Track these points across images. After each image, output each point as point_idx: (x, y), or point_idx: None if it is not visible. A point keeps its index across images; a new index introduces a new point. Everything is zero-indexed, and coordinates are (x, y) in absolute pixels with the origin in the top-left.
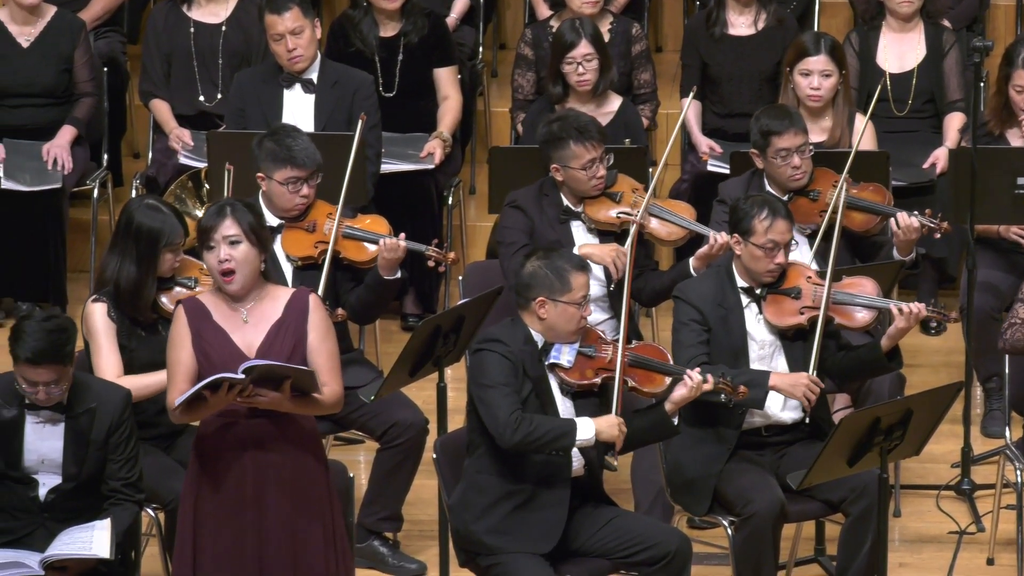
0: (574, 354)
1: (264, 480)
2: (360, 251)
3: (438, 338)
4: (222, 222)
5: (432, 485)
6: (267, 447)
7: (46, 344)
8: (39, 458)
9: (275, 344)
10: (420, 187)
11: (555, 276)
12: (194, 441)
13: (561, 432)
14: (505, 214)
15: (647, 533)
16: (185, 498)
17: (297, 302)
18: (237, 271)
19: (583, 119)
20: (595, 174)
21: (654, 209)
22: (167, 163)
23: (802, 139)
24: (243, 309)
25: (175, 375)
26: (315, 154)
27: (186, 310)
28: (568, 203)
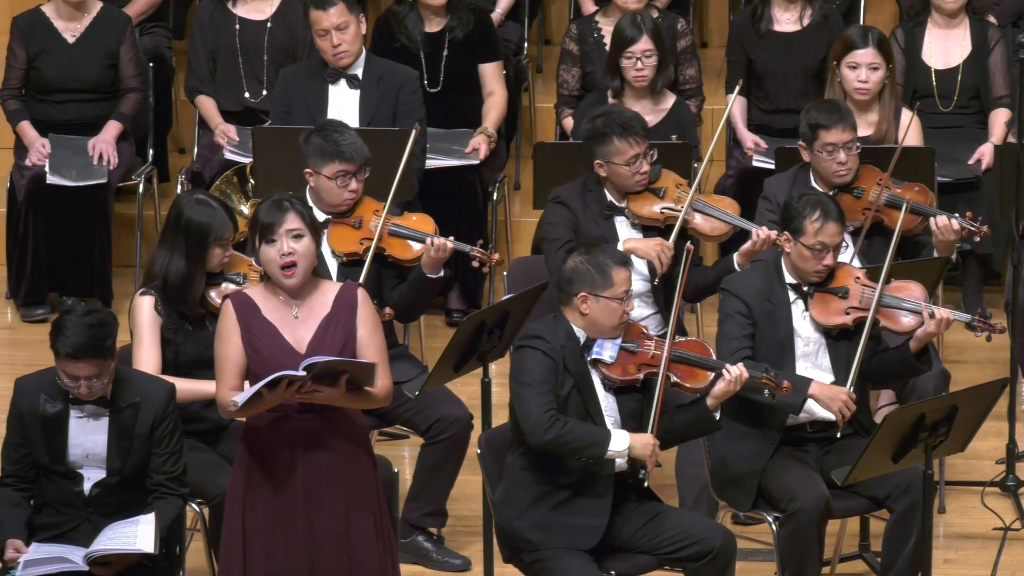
0: (616, 350)
1: (315, 474)
2: (405, 249)
3: (483, 334)
4: (285, 216)
5: (476, 481)
6: (318, 441)
7: (86, 339)
8: (83, 453)
9: (326, 339)
10: (465, 183)
11: (597, 271)
12: (242, 436)
13: (593, 441)
14: (549, 210)
15: (691, 529)
16: (233, 493)
17: (346, 296)
18: (299, 264)
19: (627, 115)
20: (638, 170)
21: (698, 204)
22: (212, 158)
23: (850, 135)
24: (293, 304)
25: (224, 370)
26: (363, 148)
27: (234, 304)
28: (612, 199)
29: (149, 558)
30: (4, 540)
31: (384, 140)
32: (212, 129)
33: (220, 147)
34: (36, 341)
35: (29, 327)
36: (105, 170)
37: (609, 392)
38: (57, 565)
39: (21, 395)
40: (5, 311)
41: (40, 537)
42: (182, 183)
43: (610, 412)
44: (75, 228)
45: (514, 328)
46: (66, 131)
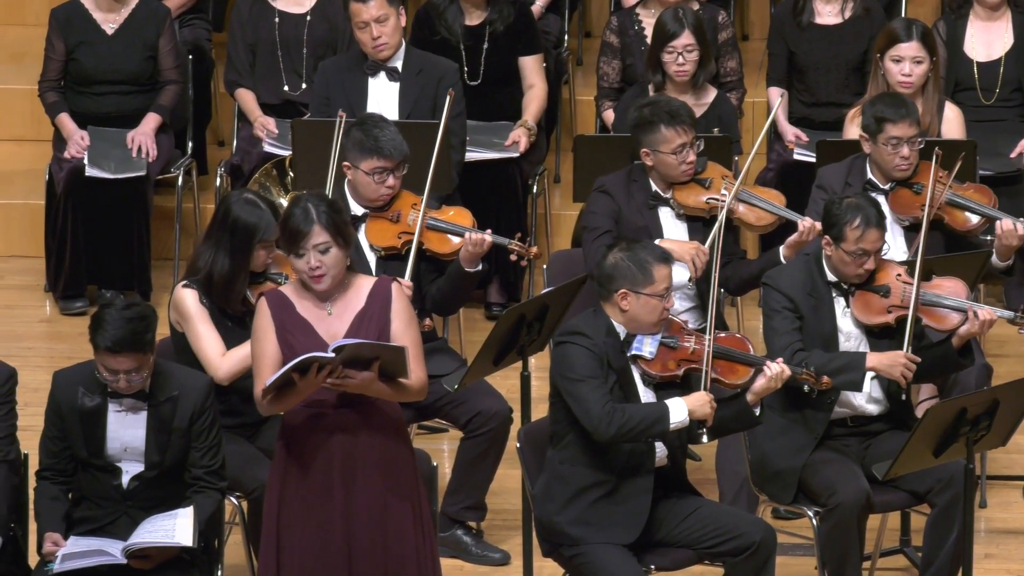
0: (656, 345)
1: (352, 466)
2: (443, 243)
3: (522, 327)
4: (311, 230)
5: (516, 475)
6: (356, 434)
7: (126, 332)
8: (122, 446)
9: (359, 334)
10: (504, 176)
11: (637, 268)
12: (280, 431)
13: (655, 418)
14: (593, 199)
15: (731, 523)
16: (271, 488)
17: (380, 291)
18: (327, 274)
19: (674, 103)
20: (685, 159)
21: (743, 195)
22: (251, 151)
23: (915, 130)
24: (327, 302)
25: (261, 367)
26: (402, 145)
27: (269, 302)
28: (657, 188)
29: (187, 551)
30: (42, 533)
31: (423, 133)
32: (251, 122)
33: (259, 140)
34: (75, 334)
35: (68, 320)
36: (144, 163)
37: (649, 388)
38: (95, 558)
39: (59, 388)
40: (44, 304)
41: (78, 531)
42: (221, 176)
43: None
44: (114, 221)
45: (554, 321)
46: (105, 123)
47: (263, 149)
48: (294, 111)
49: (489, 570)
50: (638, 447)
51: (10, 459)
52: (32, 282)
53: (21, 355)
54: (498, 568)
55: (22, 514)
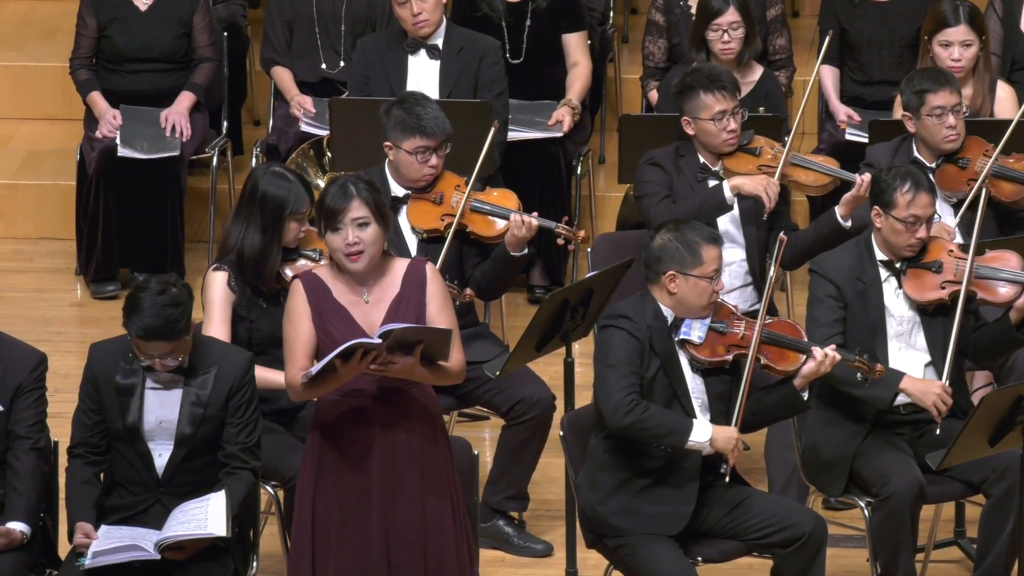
0: (705, 330)
1: (391, 459)
2: (488, 226)
3: (566, 312)
4: (350, 203)
5: (559, 463)
6: (393, 425)
7: (159, 321)
8: (157, 420)
9: (396, 320)
10: (548, 156)
11: (686, 249)
12: (313, 421)
13: (673, 429)
14: (643, 170)
15: (781, 514)
16: (304, 481)
17: (414, 273)
18: (365, 252)
19: (716, 70)
20: (726, 127)
21: (796, 159)
22: (288, 131)
23: (957, 98)
24: (363, 288)
25: (294, 351)
26: (445, 123)
27: (304, 285)
28: (705, 161)
29: (221, 539)
30: (73, 523)
31: (465, 112)
32: (288, 101)
33: (296, 119)
34: (107, 318)
35: (99, 304)
36: (178, 142)
37: (696, 373)
38: (127, 554)
39: (96, 361)
40: (75, 287)
41: (111, 520)
42: (257, 156)
43: (697, 394)
44: (147, 202)
45: (598, 306)
46: (138, 102)
47: (300, 129)
48: (332, 90)
49: (531, 561)
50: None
51: (40, 447)
52: (63, 265)
53: (51, 340)
54: (541, 559)
55: (52, 503)
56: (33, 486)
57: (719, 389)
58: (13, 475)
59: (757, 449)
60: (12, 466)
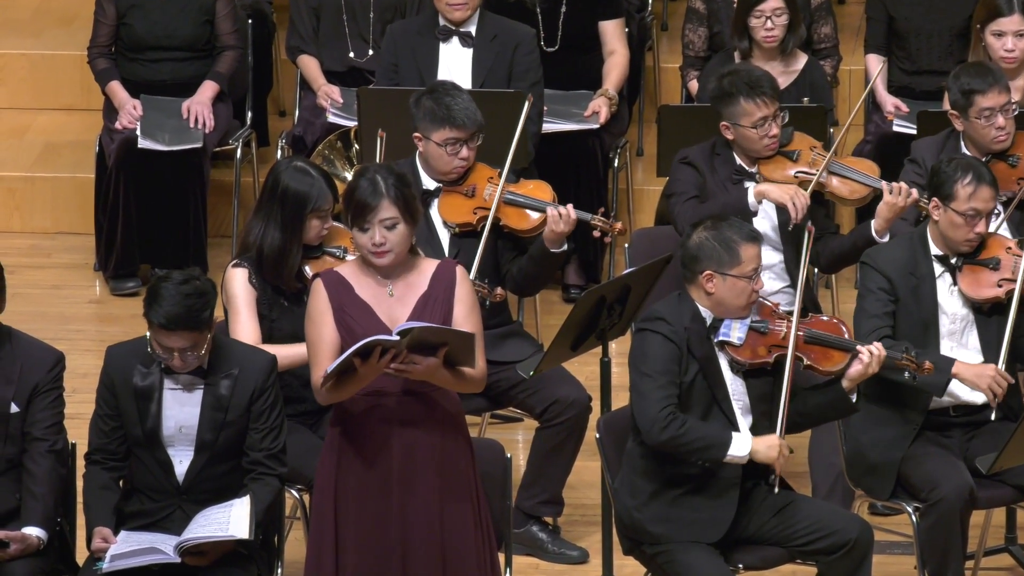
0: (745, 330)
1: (412, 460)
2: (522, 219)
3: (602, 310)
4: (379, 204)
5: (595, 467)
6: (414, 425)
7: (182, 309)
8: (176, 425)
9: (423, 318)
10: (584, 148)
11: (723, 248)
12: (334, 417)
13: (711, 443)
14: (676, 169)
15: (825, 520)
16: (323, 481)
17: (444, 274)
18: (392, 251)
19: (755, 73)
20: (767, 132)
21: (835, 167)
22: (315, 122)
23: (1006, 98)
24: (388, 283)
25: (318, 352)
26: (476, 114)
27: (325, 283)
28: (741, 163)
29: (244, 544)
30: (91, 528)
31: (498, 102)
32: (315, 91)
33: (323, 110)
34: (126, 316)
35: (119, 301)
36: (200, 134)
37: (737, 375)
38: (146, 557)
39: (113, 364)
40: (93, 284)
41: (130, 526)
42: (282, 148)
43: (738, 396)
44: (168, 196)
45: (636, 304)
46: (159, 92)
47: (327, 119)
48: (360, 79)
49: (566, 569)
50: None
51: (57, 449)
52: (81, 261)
53: (69, 338)
54: (576, 567)
55: (69, 507)
56: (50, 490)
57: (761, 390)
58: (30, 478)
59: (801, 452)
60: (29, 469)
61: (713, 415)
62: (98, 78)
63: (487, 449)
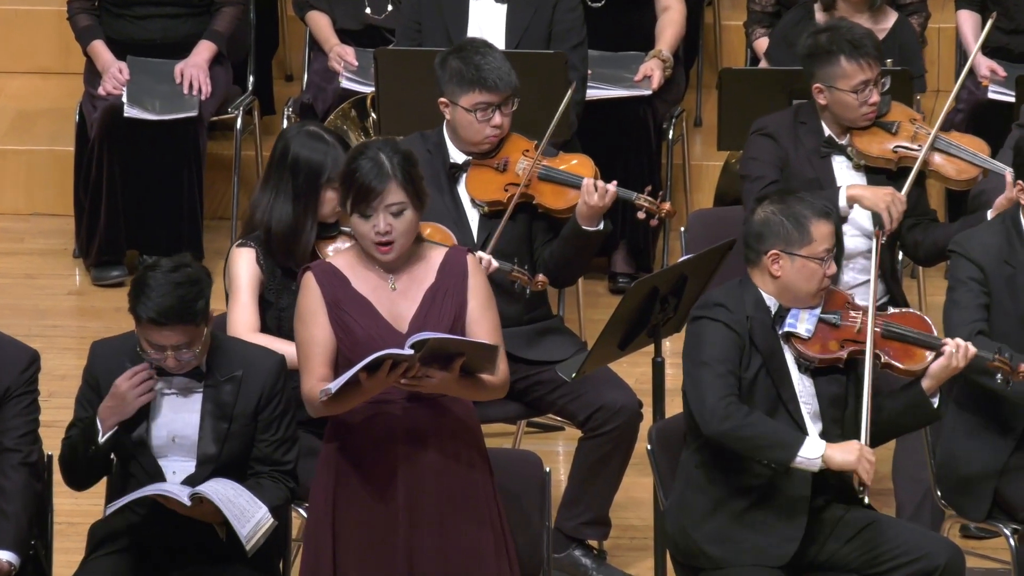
0: (815, 322)
1: (419, 480)
2: (558, 197)
3: (654, 302)
4: (386, 186)
5: (646, 483)
6: (422, 439)
7: (173, 300)
8: (169, 435)
9: (431, 315)
10: (634, 118)
11: (792, 225)
12: (328, 433)
13: (778, 442)
14: (752, 143)
15: (911, 543)
16: (319, 503)
17: (453, 264)
18: (397, 242)
19: (858, 31)
20: (867, 99)
21: (939, 143)
22: (327, 87)
23: None
24: (390, 275)
25: (309, 356)
26: (510, 75)
27: (317, 276)
28: (831, 133)
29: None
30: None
31: (536, 66)
32: (326, 52)
33: (336, 74)
34: (110, 310)
35: (102, 292)
36: (196, 101)
37: (805, 373)
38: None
39: (98, 360)
40: (73, 273)
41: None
42: (289, 117)
43: (806, 397)
44: (159, 172)
45: (693, 296)
46: (148, 53)
47: (340, 85)
48: (378, 38)
49: None
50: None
51: (31, 461)
52: (59, 246)
53: (45, 335)
54: None
55: (44, 527)
56: (23, 508)
57: (832, 392)
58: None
59: (883, 467)
60: None
61: (778, 418)
62: (79, 37)
63: (523, 462)
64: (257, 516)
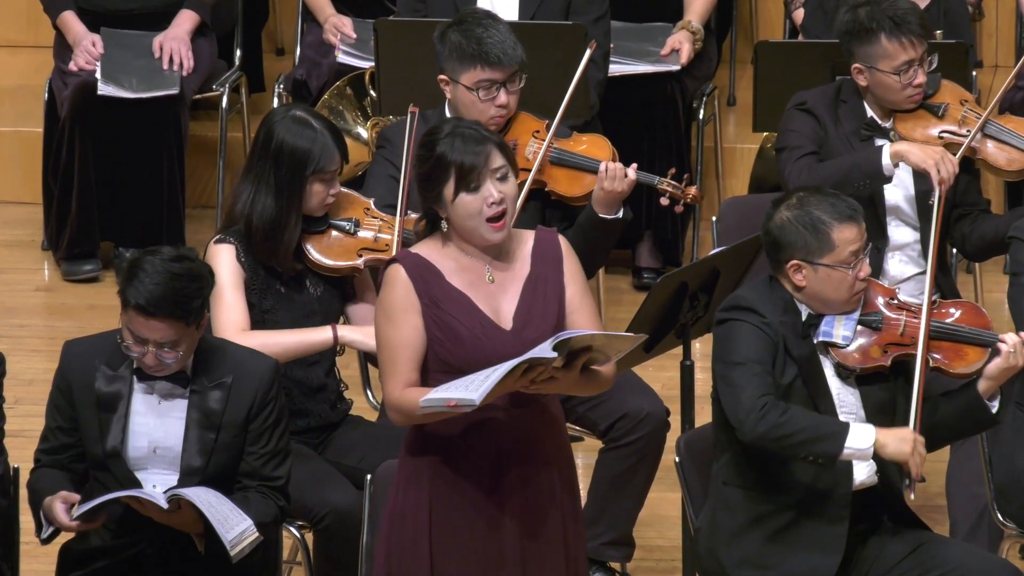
0: (852, 327)
1: (535, 493)
2: (572, 183)
3: (683, 300)
4: (487, 149)
5: (674, 499)
6: (532, 447)
7: (167, 291)
8: (150, 445)
9: (535, 308)
10: (661, 96)
11: (810, 231)
12: (412, 445)
13: (825, 432)
14: (791, 116)
15: (967, 565)
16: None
17: (546, 247)
18: (508, 212)
19: (900, 6)
20: (911, 81)
21: (991, 128)
22: (321, 62)
23: None
24: (486, 265)
25: (397, 360)
26: (515, 49)
27: (408, 270)
28: (873, 115)
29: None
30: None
31: (552, 38)
32: (320, 23)
33: (331, 47)
34: (83, 308)
35: (74, 289)
36: (177, 77)
37: (848, 383)
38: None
39: (71, 362)
40: (41, 267)
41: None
42: (280, 95)
43: (848, 408)
44: (136, 155)
45: (726, 293)
46: (124, 25)
47: (336, 59)
48: (378, 8)
49: None
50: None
51: None
52: (26, 237)
53: (11, 335)
54: None
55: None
56: None
57: (879, 398)
58: None
59: (935, 480)
60: None
61: None
62: (47, 7)
63: None
64: (242, 526)
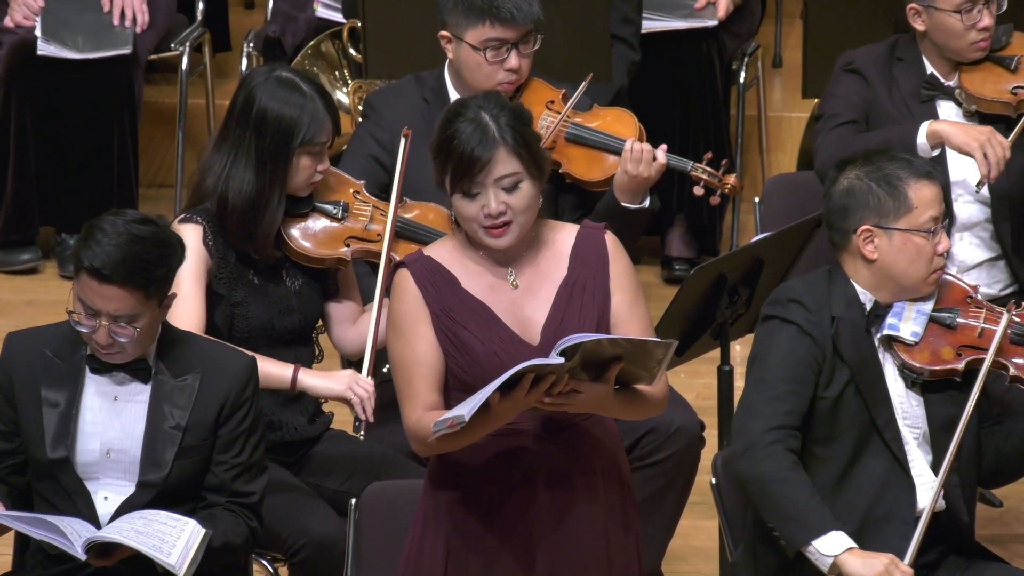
0: (924, 322)
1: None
2: (592, 165)
3: (721, 295)
4: (493, 155)
5: (710, 527)
6: (567, 484)
7: (127, 254)
8: (103, 447)
9: (569, 318)
10: (695, 56)
11: (885, 190)
12: (434, 478)
13: (800, 518)
14: (837, 79)
15: None
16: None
17: (588, 247)
18: (514, 223)
19: None
20: (976, 23)
21: None
22: (298, 17)
23: None
24: (509, 268)
25: (412, 380)
26: (531, 5)
27: (416, 276)
28: (934, 71)
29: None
30: None
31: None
32: None
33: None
34: (20, 303)
35: (10, 281)
36: (129, 35)
37: (912, 388)
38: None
39: (12, 356)
40: None
41: None
42: (249, 55)
43: (912, 420)
44: (82, 126)
45: (771, 287)
46: None
47: (314, 14)
48: None
49: None
50: (893, 483)
51: None
52: None
53: None
54: None
55: None
56: None
57: (947, 413)
58: None
59: (1016, 505)
60: None
61: (871, 448)
62: None
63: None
64: (183, 535)
